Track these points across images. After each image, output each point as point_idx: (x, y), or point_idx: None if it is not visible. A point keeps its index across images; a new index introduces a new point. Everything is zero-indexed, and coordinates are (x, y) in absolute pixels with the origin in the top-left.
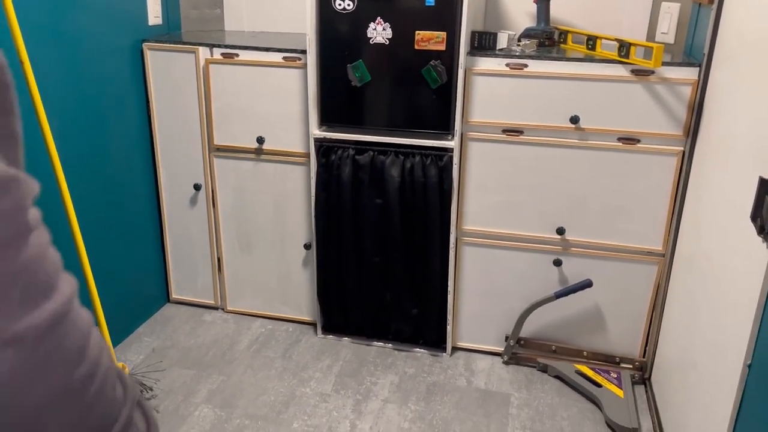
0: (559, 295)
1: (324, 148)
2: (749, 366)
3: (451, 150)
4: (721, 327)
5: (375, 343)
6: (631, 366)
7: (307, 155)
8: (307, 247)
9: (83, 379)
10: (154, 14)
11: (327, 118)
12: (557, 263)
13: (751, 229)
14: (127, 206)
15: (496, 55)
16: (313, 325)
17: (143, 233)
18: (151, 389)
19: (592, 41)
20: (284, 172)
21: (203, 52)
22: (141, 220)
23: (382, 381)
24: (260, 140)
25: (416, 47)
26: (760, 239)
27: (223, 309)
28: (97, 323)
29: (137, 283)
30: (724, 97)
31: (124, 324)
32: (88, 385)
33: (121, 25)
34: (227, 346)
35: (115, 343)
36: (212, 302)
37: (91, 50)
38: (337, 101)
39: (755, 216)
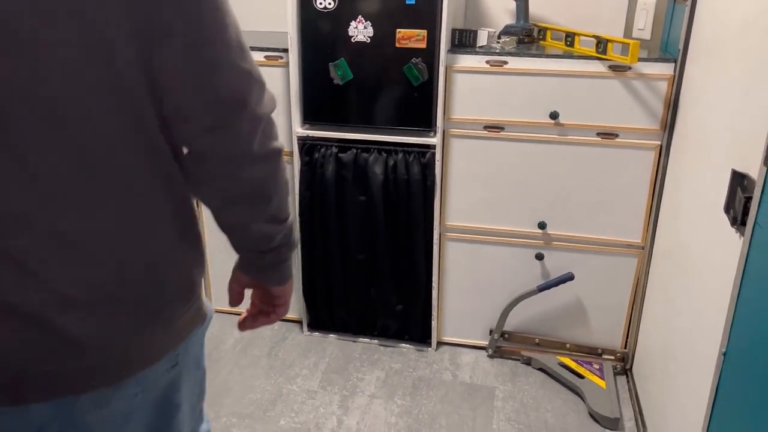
0: (541, 289)
1: (307, 146)
2: (724, 354)
3: (433, 147)
4: (697, 317)
5: (361, 339)
6: (612, 357)
7: (291, 153)
8: None
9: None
10: None
11: (310, 117)
12: (539, 257)
13: (725, 220)
14: None
15: (477, 53)
16: (299, 322)
17: None
18: None
19: (570, 38)
20: None
21: None
22: None
23: (369, 377)
24: None
25: (397, 45)
26: (733, 230)
27: None
28: None
29: None
30: (698, 92)
31: None
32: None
33: None
34: (213, 346)
35: None
36: None
37: None
38: (319, 99)
39: (728, 207)
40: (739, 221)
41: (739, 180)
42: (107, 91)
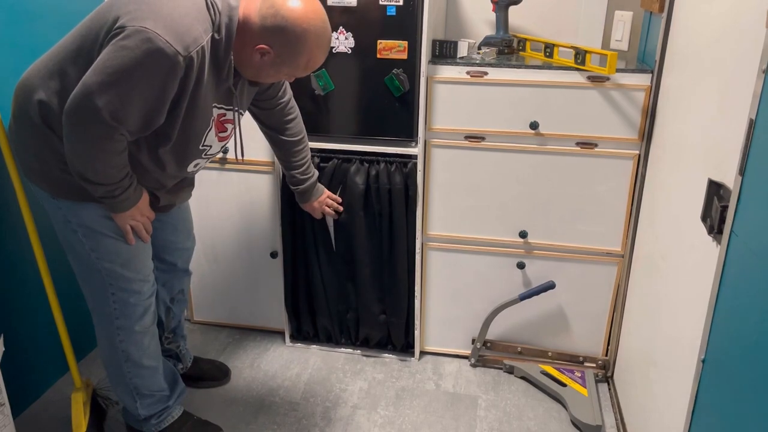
0: (523, 297)
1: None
2: (703, 361)
3: (415, 157)
4: (676, 324)
5: (343, 349)
6: (594, 365)
7: (272, 164)
8: (273, 255)
9: None
10: None
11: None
12: (521, 266)
13: (702, 228)
14: None
15: (457, 63)
16: (281, 333)
17: None
18: (118, 404)
19: (549, 49)
20: (249, 182)
21: None
22: None
23: (351, 387)
24: (225, 150)
25: (378, 56)
26: (710, 238)
27: (189, 320)
28: (60, 337)
29: None
30: (675, 102)
31: (88, 338)
32: None
33: None
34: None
35: (79, 358)
36: None
37: None
38: (301, 110)
39: (705, 216)
40: (715, 230)
41: (715, 189)
42: None
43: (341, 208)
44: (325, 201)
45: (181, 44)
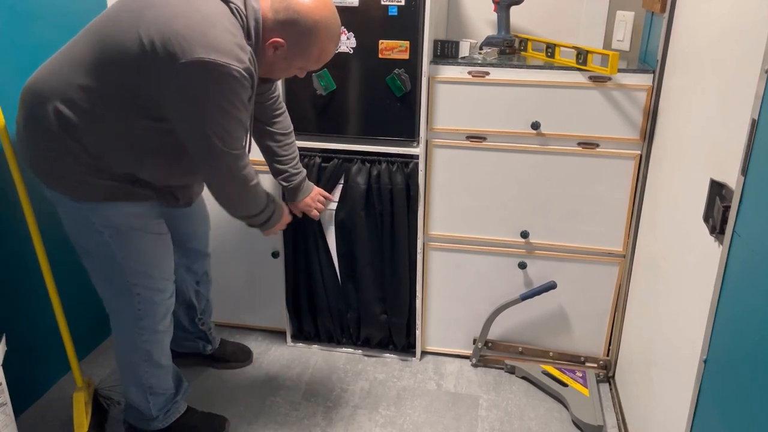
0: (524, 297)
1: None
2: (705, 361)
3: (416, 157)
4: (678, 324)
5: (345, 349)
6: (595, 365)
7: None
8: (275, 255)
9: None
10: None
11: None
12: (522, 266)
13: (705, 229)
14: None
15: (459, 64)
16: (283, 333)
17: None
18: (119, 403)
19: (551, 49)
20: None
21: None
22: None
23: (353, 387)
24: None
25: (380, 56)
26: (712, 239)
27: None
28: (62, 337)
29: None
30: (676, 102)
31: (89, 338)
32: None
33: None
34: (196, 358)
35: (81, 357)
36: None
37: None
38: (302, 110)
39: (707, 216)
40: (717, 230)
41: (717, 189)
42: None
43: (332, 198)
44: (317, 197)
45: (237, 60)
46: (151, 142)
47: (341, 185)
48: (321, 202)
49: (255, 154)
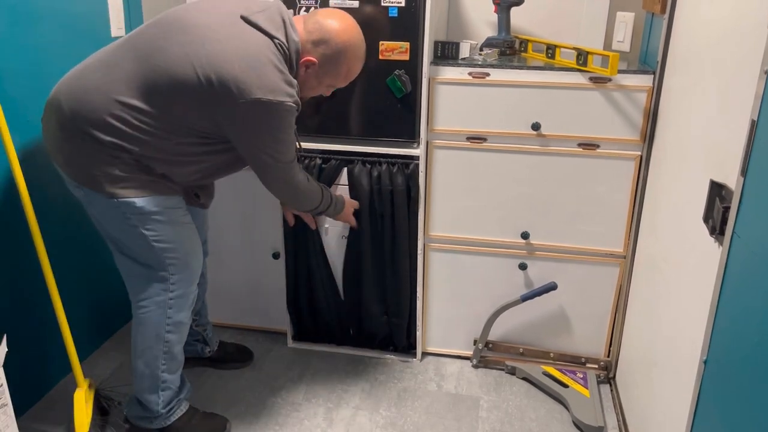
0: (525, 298)
1: None
2: (705, 362)
3: (417, 158)
4: (678, 325)
5: (345, 350)
6: (596, 366)
7: None
8: (275, 256)
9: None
10: (117, 25)
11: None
12: (522, 267)
13: (705, 229)
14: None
15: (459, 65)
16: (284, 334)
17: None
18: (120, 403)
19: (551, 50)
20: (251, 183)
21: None
22: None
23: (353, 388)
24: None
25: (380, 57)
26: (712, 239)
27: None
28: (63, 338)
29: (104, 296)
30: (677, 103)
31: (90, 338)
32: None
33: (83, 37)
34: (197, 357)
35: (82, 358)
36: None
37: (54, 62)
38: (303, 111)
39: (707, 217)
40: (717, 231)
41: (717, 190)
42: None
43: None
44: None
45: (288, 95)
46: (193, 153)
47: (338, 186)
48: None
49: None
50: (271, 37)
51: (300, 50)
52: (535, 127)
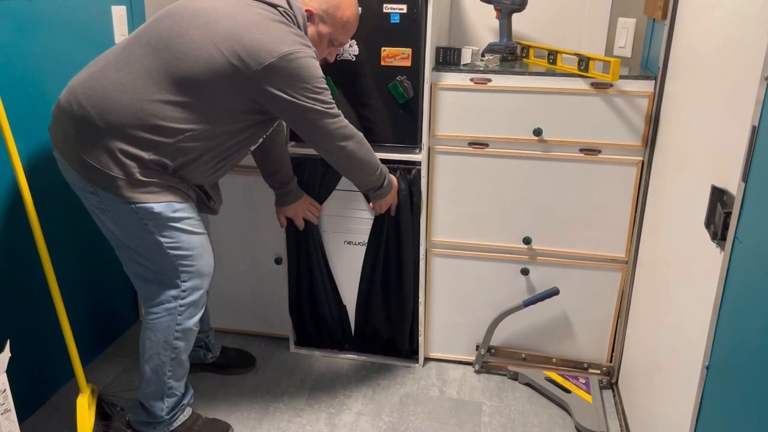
0: (527, 304)
1: (293, 163)
2: (707, 367)
3: (419, 163)
4: (681, 330)
5: (348, 355)
6: (598, 371)
7: None
8: (278, 261)
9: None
10: (120, 32)
11: (296, 135)
12: (525, 272)
13: (706, 235)
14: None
15: (461, 70)
16: (286, 339)
17: (112, 251)
18: (122, 409)
19: (552, 56)
20: (253, 187)
21: None
22: None
23: (356, 394)
24: None
25: (382, 63)
26: (714, 245)
27: None
28: (66, 343)
29: (107, 302)
30: (678, 109)
31: (93, 344)
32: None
33: (87, 44)
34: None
35: (85, 363)
36: None
37: (57, 69)
38: None
39: (709, 223)
40: (719, 236)
41: (718, 195)
42: None
43: (321, 208)
44: (306, 206)
45: (306, 46)
46: (212, 141)
47: (340, 191)
48: (311, 212)
49: (247, 159)
50: (275, 5)
51: (305, 15)
52: (537, 132)
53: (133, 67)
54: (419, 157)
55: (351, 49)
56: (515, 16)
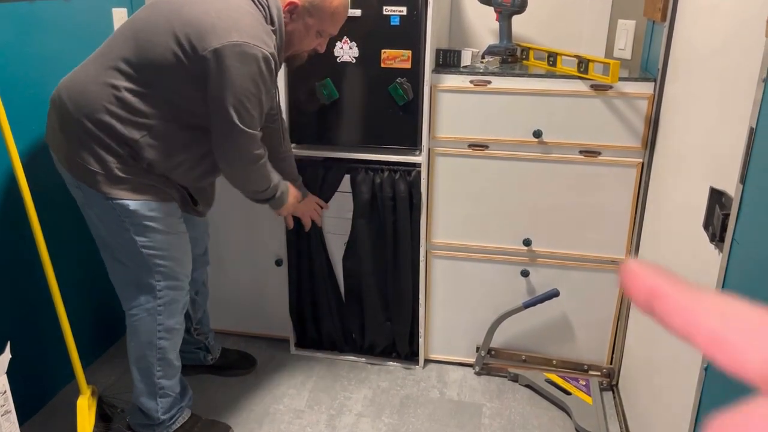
0: (527, 306)
1: None
2: (706, 369)
3: (419, 165)
4: None
5: (348, 357)
6: (598, 373)
7: None
8: (278, 263)
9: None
10: None
11: (296, 136)
12: (525, 274)
13: (705, 236)
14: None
15: (461, 72)
16: (286, 341)
17: None
18: (123, 410)
19: (552, 57)
20: None
21: None
22: None
23: (356, 395)
24: None
25: (382, 65)
26: (712, 246)
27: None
28: (66, 344)
29: (107, 303)
30: (677, 110)
31: (94, 345)
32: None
33: (87, 46)
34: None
35: (85, 365)
36: None
37: (58, 70)
38: (305, 119)
39: (707, 224)
40: (717, 238)
41: (717, 197)
42: None
43: (327, 206)
44: (314, 206)
45: (264, 44)
46: (183, 138)
47: (340, 193)
48: (317, 211)
49: None
50: None
51: (280, 7)
52: (537, 134)
53: (106, 58)
54: (419, 158)
55: (351, 51)
56: (515, 18)
